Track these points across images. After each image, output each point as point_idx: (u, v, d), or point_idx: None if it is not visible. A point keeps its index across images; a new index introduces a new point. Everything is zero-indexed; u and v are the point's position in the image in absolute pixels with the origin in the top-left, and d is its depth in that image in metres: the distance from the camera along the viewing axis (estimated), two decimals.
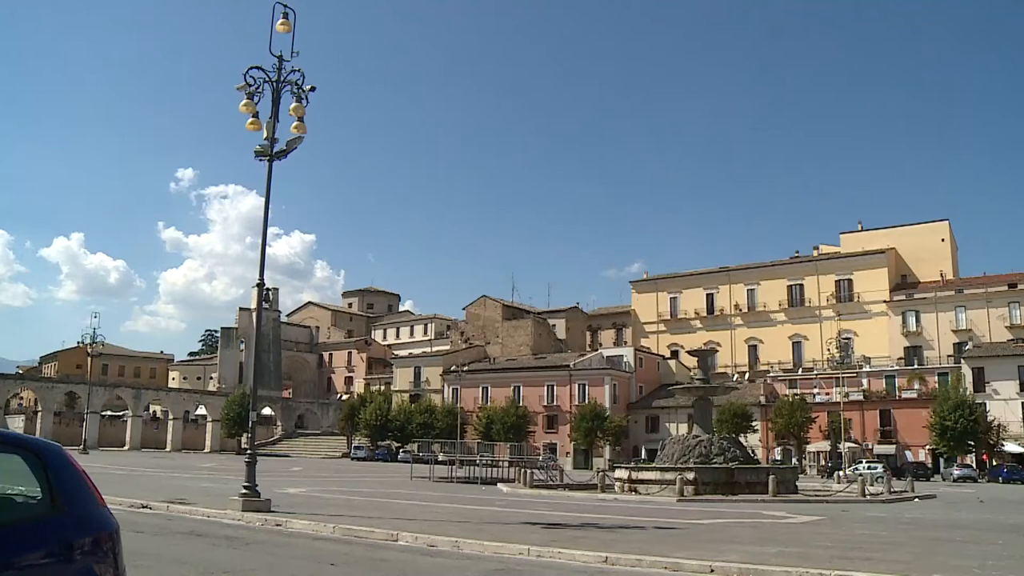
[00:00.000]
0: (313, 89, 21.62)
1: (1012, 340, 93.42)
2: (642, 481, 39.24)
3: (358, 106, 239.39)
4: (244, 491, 20.88)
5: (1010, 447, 79.73)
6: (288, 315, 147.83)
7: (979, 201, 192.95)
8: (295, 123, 21.58)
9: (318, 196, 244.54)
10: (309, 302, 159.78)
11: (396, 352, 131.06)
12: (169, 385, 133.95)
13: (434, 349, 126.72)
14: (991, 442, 78.90)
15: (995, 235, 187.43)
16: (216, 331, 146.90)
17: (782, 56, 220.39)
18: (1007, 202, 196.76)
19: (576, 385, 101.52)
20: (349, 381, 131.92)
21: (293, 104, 21.47)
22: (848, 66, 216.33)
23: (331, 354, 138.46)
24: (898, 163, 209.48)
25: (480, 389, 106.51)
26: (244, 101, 21.19)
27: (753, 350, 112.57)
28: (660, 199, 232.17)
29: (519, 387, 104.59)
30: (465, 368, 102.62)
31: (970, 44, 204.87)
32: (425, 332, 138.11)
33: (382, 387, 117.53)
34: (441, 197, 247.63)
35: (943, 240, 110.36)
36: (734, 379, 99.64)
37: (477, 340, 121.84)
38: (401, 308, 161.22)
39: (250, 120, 21.28)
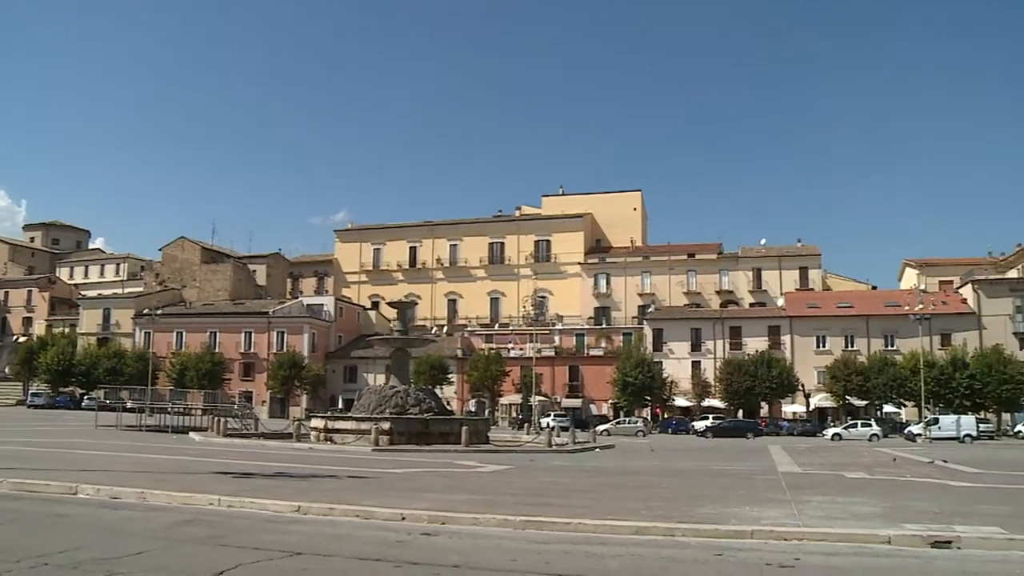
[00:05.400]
0: None
1: (688, 305, 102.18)
2: (338, 431, 39.45)
3: (53, 21, 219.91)
4: None
5: (680, 401, 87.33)
6: None
7: (668, 173, 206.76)
8: None
9: None
10: None
11: (84, 292, 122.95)
12: None
13: (126, 291, 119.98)
14: (664, 397, 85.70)
15: (680, 206, 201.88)
16: None
17: (499, 21, 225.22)
18: (692, 175, 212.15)
19: (275, 333, 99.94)
20: (28, 322, 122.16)
21: None
22: (563, 33, 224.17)
23: (7, 292, 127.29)
24: (600, 131, 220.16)
25: (174, 334, 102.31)
26: None
27: (452, 304, 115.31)
28: (369, 149, 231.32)
29: (216, 333, 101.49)
30: (159, 311, 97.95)
31: (674, 15, 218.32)
32: (117, 272, 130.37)
33: (66, 329, 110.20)
34: (140, 130, 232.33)
35: (635, 209, 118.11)
36: (433, 332, 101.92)
37: (173, 283, 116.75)
38: (91, 246, 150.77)
39: None
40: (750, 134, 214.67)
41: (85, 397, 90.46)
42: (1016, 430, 71.99)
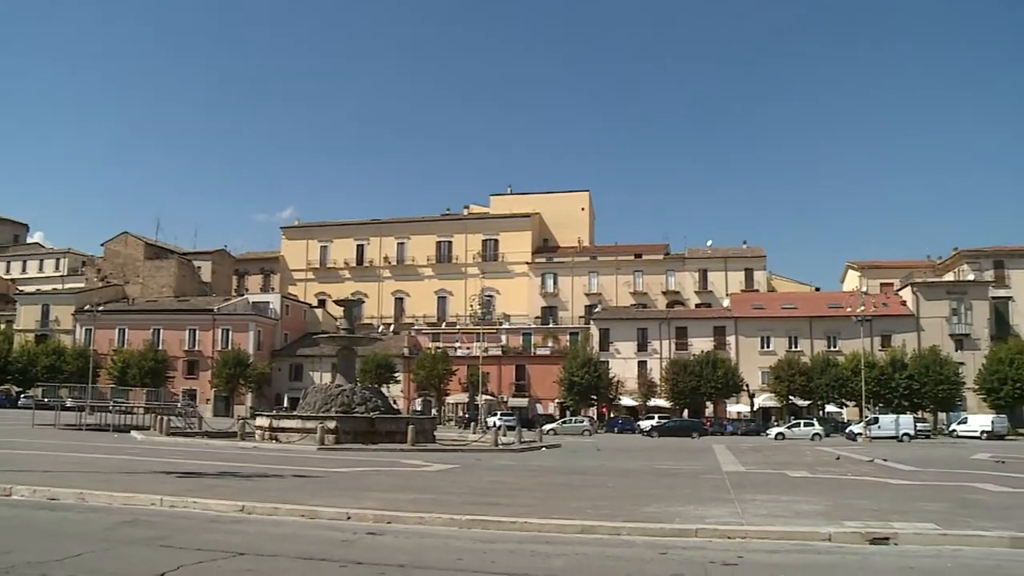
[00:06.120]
0: None
1: (634, 305, 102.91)
2: (283, 429, 39.13)
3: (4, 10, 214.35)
4: None
5: (626, 401, 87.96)
6: None
7: (616, 173, 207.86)
8: None
9: None
10: None
11: (21, 287, 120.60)
12: None
13: (67, 286, 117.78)
14: (610, 397, 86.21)
15: (627, 207, 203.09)
16: None
17: (449, 20, 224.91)
18: (640, 176, 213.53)
19: (220, 330, 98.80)
20: None
21: None
22: (512, 32, 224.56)
23: None
24: (549, 130, 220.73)
25: (117, 331, 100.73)
26: None
27: (400, 302, 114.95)
28: (316, 146, 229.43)
29: (159, 330, 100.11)
30: (100, 308, 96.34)
31: (623, 15, 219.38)
32: (57, 267, 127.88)
33: (2, 326, 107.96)
34: (83, 123, 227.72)
35: (583, 209, 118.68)
36: (379, 330, 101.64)
37: (116, 279, 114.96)
38: (30, 240, 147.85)
39: None
40: (697, 136, 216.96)
41: (21, 396, 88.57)
42: (951, 429, 73.51)
